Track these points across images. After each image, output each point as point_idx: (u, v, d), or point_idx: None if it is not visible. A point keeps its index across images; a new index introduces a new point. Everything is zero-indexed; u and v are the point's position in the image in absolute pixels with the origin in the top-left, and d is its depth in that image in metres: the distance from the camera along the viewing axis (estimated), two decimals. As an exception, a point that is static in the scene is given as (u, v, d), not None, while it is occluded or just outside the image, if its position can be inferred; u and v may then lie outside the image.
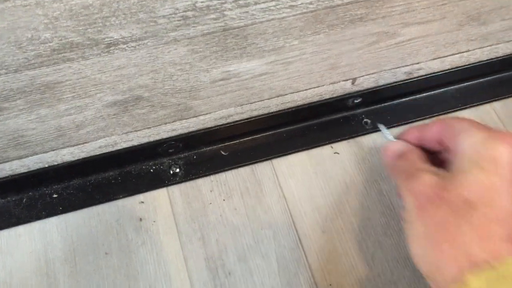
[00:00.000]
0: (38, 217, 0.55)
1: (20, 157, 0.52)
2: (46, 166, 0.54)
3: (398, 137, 0.54)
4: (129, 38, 0.42)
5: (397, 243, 0.57)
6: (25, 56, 0.40)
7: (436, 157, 0.50)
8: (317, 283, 0.54)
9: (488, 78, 0.67)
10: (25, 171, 0.54)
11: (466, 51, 0.62)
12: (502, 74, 0.68)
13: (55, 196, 0.56)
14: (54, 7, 0.37)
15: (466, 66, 0.64)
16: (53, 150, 0.53)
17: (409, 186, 0.45)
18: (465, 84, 0.67)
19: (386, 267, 0.55)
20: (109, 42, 0.42)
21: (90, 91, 0.46)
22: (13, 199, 0.55)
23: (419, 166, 0.47)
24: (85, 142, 0.53)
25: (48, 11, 0.37)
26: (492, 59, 0.64)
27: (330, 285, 0.54)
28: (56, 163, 0.54)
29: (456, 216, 0.40)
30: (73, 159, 0.54)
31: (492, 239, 0.39)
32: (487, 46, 0.62)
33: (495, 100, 0.66)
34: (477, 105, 0.66)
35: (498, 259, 0.38)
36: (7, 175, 0.53)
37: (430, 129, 0.50)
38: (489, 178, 0.41)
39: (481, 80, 0.67)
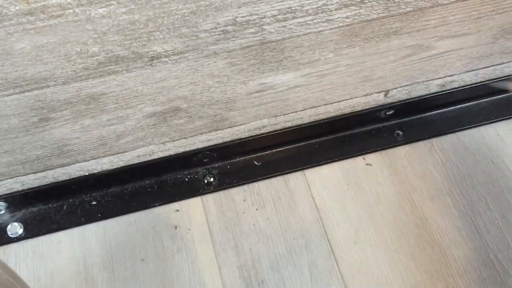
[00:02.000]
0: (78, 224, 0.56)
1: (62, 165, 0.54)
2: (87, 174, 0.56)
3: None
4: (171, 51, 0.43)
5: (430, 255, 0.56)
6: (73, 69, 0.42)
7: None
8: (349, 293, 0.54)
9: (522, 90, 0.67)
10: (67, 178, 0.55)
11: (500, 64, 0.62)
12: (537, 87, 0.67)
13: (94, 203, 0.58)
14: (103, 23, 0.39)
15: (500, 79, 0.64)
16: (94, 159, 0.54)
17: None
18: (499, 96, 0.66)
19: (418, 279, 0.55)
20: (152, 55, 0.43)
21: (132, 102, 0.48)
22: (54, 205, 0.57)
23: None
24: (124, 151, 0.55)
25: (97, 26, 0.39)
26: (526, 71, 0.64)
27: (363, 296, 0.54)
28: (96, 171, 0.56)
29: None
30: (112, 167, 0.56)
31: None
32: (521, 59, 0.62)
33: (529, 113, 0.66)
34: (511, 118, 0.65)
35: None
36: (49, 182, 0.55)
37: None
38: None
39: (514, 92, 0.67)
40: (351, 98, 0.59)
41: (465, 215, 0.59)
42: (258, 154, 0.62)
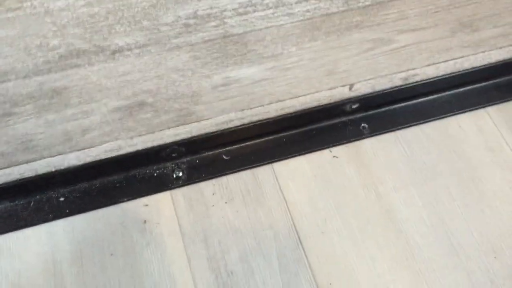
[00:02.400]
0: (46, 220, 0.56)
1: (28, 161, 0.54)
2: (53, 170, 0.56)
3: None
4: (134, 44, 0.44)
5: (395, 244, 0.58)
6: (34, 63, 0.42)
7: None
8: (317, 282, 0.55)
9: (483, 83, 0.69)
10: (33, 175, 0.55)
11: (460, 57, 0.64)
12: (496, 80, 0.69)
13: (61, 199, 0.58)
14: (62, 15, 0.39)
15: (460, 72, 0.65)
16: (60, 154, 0.54)
17: None
18: (460, 89, 0.68)
19: (384, 267, 0.57)
20: (114, 49, 0.44)
21: (96, 96, 0.48)
22: (21, 202, 0.57)
23: None
24: (91, 147, 0.55)
25: (56, 19, 0.39)
26: (485, 65, 0.66)
27: (330, 284, 0.55)
28: (63, 167, 0.56)
29: None
30: (79, 163, 0.56)
31: None
32: (480, 53, 0.64)
33: (490, 105, 0.68)
34: (472, 110, 0.67)
35: None
36: (15, 178, 0.55)
37: None
38: None
39: (475, 85, 0.69)
40: (317, 92, 0.60)
41: (429, 205, 0.61)
42: (226, 148, 0.62)
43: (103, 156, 0.57)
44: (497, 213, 0.60)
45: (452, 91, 0.68)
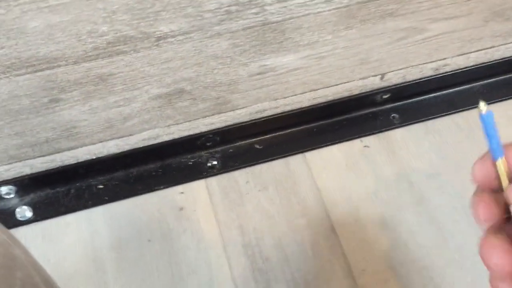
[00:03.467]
0: (85, 207, 0.58)
1: (70, 148, 0.55)
2: (94, 157, 0.57)
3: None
4: (177, 31, 0.45)
5: (426, 231, 0.58)
6: (84, 49, 0.44)
7: None
8: (351, 268, 0.56)
9: (513, 74, 0.69)
10: (74, 162, 0.57)
11: (491, 47, 0.64)
12: (527, 70, 0.70)
13: (100, 187, 0.59)
14: (113, 1, 0.40)
15: (491, 63, 0.66)
16: (101, 142, 0.56)
17: None
18: (491, 79, 0.69)
19: (418, 254, 0.57)
20: (159, 35, 0.45)
21: (139, 83, 0.50)
22: (62, 189, 0.59)
23: None
24: (130, 135, 0.56)
25: (107, 5, 0.41)
26: (516, 55, 0.67)
27: (363, 270, 0.56)
28: (102, 155, 0.58)
29: None
30: (118, 151, 0.58)
31: None
32: (510, 43, 0.64)
33: (521, 95, 0.68)
34: (503, 100, 0.67)
35: None
36: (57, 166, 0.57)
37: None
38: None
39: (506, 76, 0.69)
40: (348, 82, 0.61)
41: (459, 194, 0.61)
42: (259, 138, 0.63)
43: (141, 144, 0.58)
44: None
45: (483, 82, 0.68)
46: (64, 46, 0.42)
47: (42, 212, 0.57)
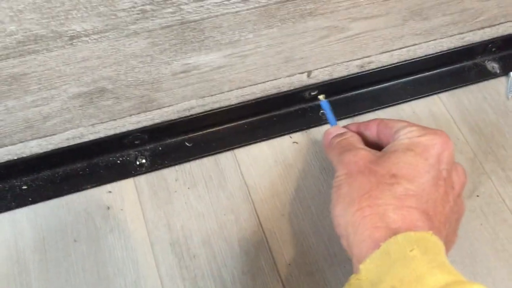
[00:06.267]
0: (8, 208, 0.57)
1: (-11, 149, 0.54)
2: (15, 158, 0.56)
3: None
4: (91, 30, 0.45)
5: (352, 224, 0.60)
6: (-8, 48, 0.43)
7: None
8: (276, 263, 0.57)
9: (436, 70, 0.72)
10: (-6, 163, 0.56)
11: (413, 45, 0.66)
12: (448, 67, 0.73)
13: (24, 187, 0.58)
14: (19, 1, 0.40)
15: (414, 60, 0.68)
16: (22, 142, 0.55)
17: (343, 158, 0.50)
18: (414, 76, 0.71)
19: (341, 247, 0.59)
20: (72, 34, 0.44)
21: (56, 82, 0.49)
22: (-17, 191, 0.57)
23: (356, 144, 0.52)
24: (53, 134, 0.56)
25: (12, 4, 0.40)
26: (437, 52, 0.69)
27: (289, 264, 0.57)
28: (25, 155, 0.56)
29: (381, 185, 0.44)
30: (41, 151, 0.57)
31: (409, 210, 0.43)
32: (431, 41, 0.67)
33: (442, 91, 0.71)
34: (426, 96, 0.70)
35: (412, 229, 0.42)
36: (-24, 167, 0.55)
37: (369, 126, 0.55)
38: (416, 159, 0.46)
39: (429, 73, 0.72)
40: (276, 79, 0.62)
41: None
42: (189, 135, 0.64)
43: (65, 143, 0.57)
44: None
45: (407, 78, 0.71)
46: (-31, 46, 0.41)
47: (-38, 215, 0.56)
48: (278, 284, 0.56)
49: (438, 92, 0.71)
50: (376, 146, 0.53)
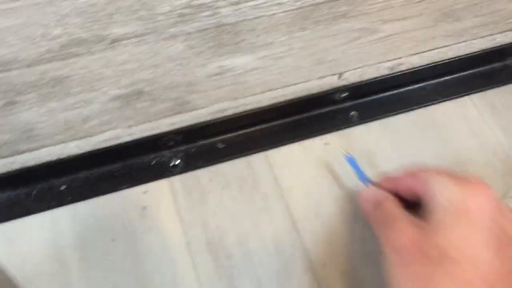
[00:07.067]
0: (48, 208, 0.58)
1: (30, 150, 0.56)
2: (55, 159, 0.58)
3: (372, 183, 0.57)
4: (131, 34, 0.46)
5: (384, 225, 0.60)
6: (37, 52, 0.44)
7: (412, 207, 0.50)
8: (312, 262, 0.58)
9: (467, 72, 0.72)
10: (35, 163, 0.57)
11: (444, 47, 0.66)
12: (479, 69, 0.72)
13: (63, 187, 0.60)
14: (63, 5, 0.41)
15: (444, 61, 0.68)
16: (62, 143, 0.56)
17: (388, 238, 0.47)
18: (445, 78, 0.71)
19: (376, 247, 0.59)
20: (114, 38, 0.46)
21: (96, 85, 0.50)
22: (24, 191, 0.59)
23: (396, 215, 0.48)
24: (91, 136, 0.57)
25: (58, 9, 0.41)
26: (468, 54, 0.69)
27: (325, 264, 0.58)
28: (64, 156, 0.58)
29: (439, 271, 0.40)
30: (79, 152, 0.58)
31: None
32: (462, 42, 0.67)
33: (473, 93, 0.70)
34: (456, 97, 0.70)
35: None
36: (18, 167, 0.57)
37: (403, 181, 0.52)
38: (467, 232, 0.42)
39: (460, 74, 0.72)
40: (307, 81, 0.63)
41: (417, 188, 0.63)
42: (221, 137, 0.65)
43: (103, 145, 0.59)
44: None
45: (437, 80, 0.71)
46: (17, 49, 0.43)
47: (4, 214, 0.57)
48: (314, 284, 0.56)
49: (469, 94, 0.70)
50: (412, 198, 0.51)
